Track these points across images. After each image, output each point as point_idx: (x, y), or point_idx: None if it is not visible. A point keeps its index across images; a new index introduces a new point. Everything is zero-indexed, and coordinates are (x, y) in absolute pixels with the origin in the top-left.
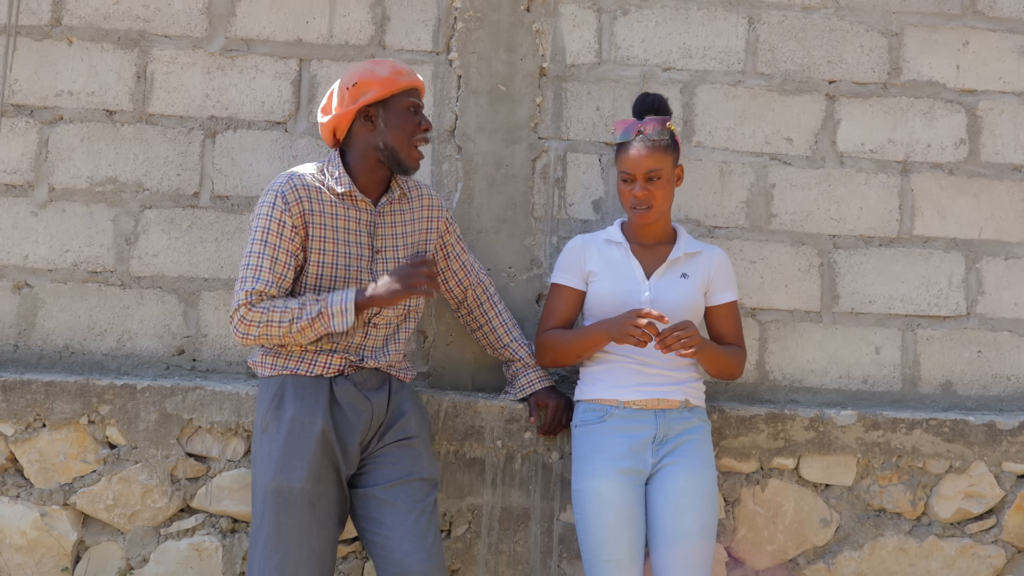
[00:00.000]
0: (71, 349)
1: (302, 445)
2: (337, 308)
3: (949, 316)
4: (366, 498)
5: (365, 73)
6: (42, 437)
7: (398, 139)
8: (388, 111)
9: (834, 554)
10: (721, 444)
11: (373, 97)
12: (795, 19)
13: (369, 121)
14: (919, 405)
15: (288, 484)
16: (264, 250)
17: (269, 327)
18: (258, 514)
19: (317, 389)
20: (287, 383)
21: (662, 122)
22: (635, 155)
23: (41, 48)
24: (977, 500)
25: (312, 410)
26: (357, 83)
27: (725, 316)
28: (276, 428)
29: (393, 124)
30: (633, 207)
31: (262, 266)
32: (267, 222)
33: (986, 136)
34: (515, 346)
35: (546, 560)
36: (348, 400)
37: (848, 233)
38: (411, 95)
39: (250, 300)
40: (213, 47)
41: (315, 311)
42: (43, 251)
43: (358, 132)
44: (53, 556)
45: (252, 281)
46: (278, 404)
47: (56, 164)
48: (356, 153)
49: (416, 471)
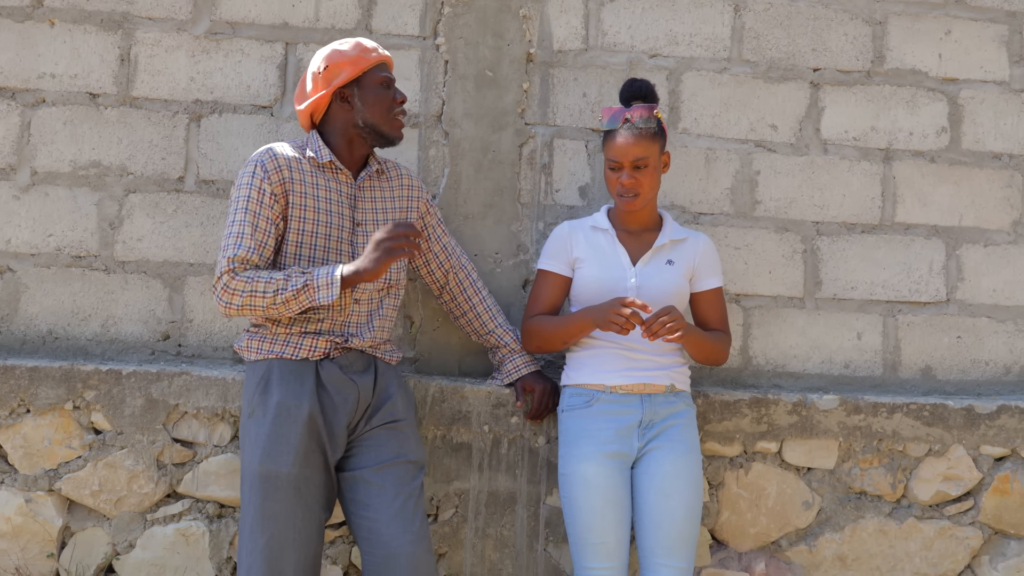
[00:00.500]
0: (55, 334)
1: (288, 430)
2: (323, 281)
3: (929, 302)
4: (354, 481)
5: (333, 55)
6: (26, 423)
7: (377, 115)
8: (362, 89)
9: (816, 536)
10: (705, 428)
11: (346, 78)
12: (780, 7)
13: (345, 102)
14: (899, 390)
15: (275, 468)
16: (245, 218)
17: (253, 297)
18: (245, 498)
19: (303, 373)
20: (273, 367)
21: (649, 110)
22: (622, 143)
23: (22, 29)
24: (955, 483)
25: (298, 394)
26: (328, 66)
27: (710, 302)
28: (263, 413)
29: (369, 101)
30: (620, 195)
31: (243, 233)
32: (247, 191)
33: (967, 124)
34: (500, 332)
35: (532, 544)
36: (334, 383)
37: (831, 220)
38: (382, 70)
39: (232, 267)
40: (198, 30)
41: (300, 283)
42: (26, 235)
43: (335, 113)
44: (38, 542)
45: (234, 248)
46: (264, 389)
47: (38, 147)
48: (335, 132)
49: (403, 454)
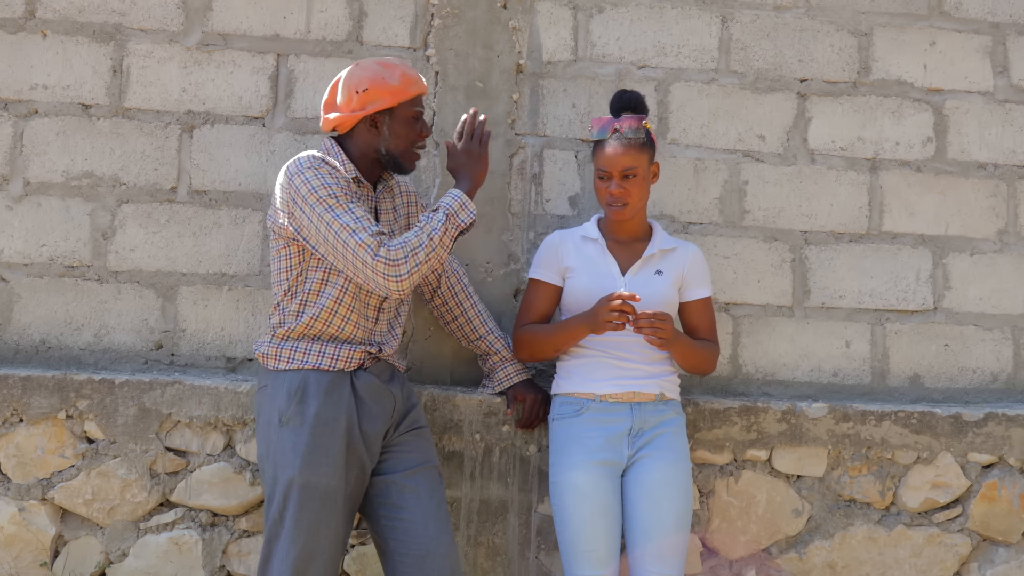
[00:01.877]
0: (48, 344)
1: (327, 441)
2: (455, 204)
3: (917, 310)
4: (386, 484)
5: (376, 79)
6: (19, 432)
7: (400, 147)
8: (394, 120)
9: (806, 544)
10: (695, 436)
11: (382, 106)
12: (767, 18)
13: (374, 127)
14: (888, 397)
15: (314, 480)
16: (349, 206)
17: (415, 255)
18: (278, 506)
19: (339, 384)
20: (308, 378)
21: (638, 120)
22: (611, 153)
23: (15, 41)
24: (944, 490)
25: (336, 406)
26: (368, 89)
27: (698, 312)
28: (299, 422)
29: (397, 133)
30: (609, 204)
31: (356, 216)
32: (328, 188)
33: (952, 134)
34: (491, 338)
35: (524, 552)
36: (371, 393)
37: (819, 229)
38: (417, 104)
39: (380, 241)
40: (190, 41)
41: (441, 216)
42: (19, 245)
43: (361, 133)
44: (32, 551)
45: (363, 229)
46: (300, 399)
47: (31, 158)
48: (357, 150)
49: (430, 459)
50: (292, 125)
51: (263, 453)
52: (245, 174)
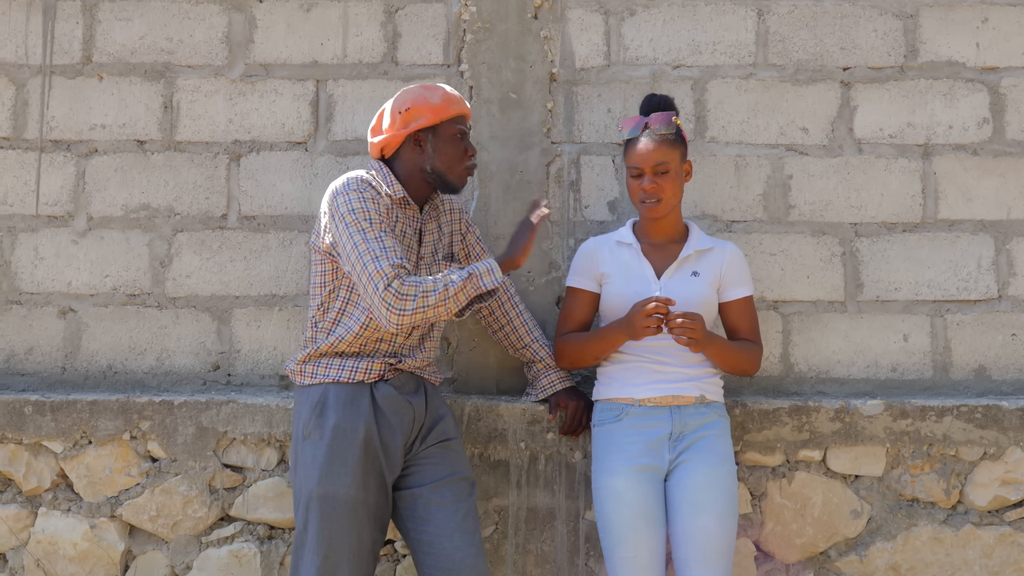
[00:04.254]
0: (114, 369)
1: (346, 452)
2: (483, 268)
3: (980, 300)
4: (412, 498)
5: (419, 99)
6: (89, 453)
7: (445, 164)
8: (437, 137)
9: (866, 546)
10: (744, 438)
11: (424, 124)
12: (805, 7)
13: (418, 145)
14: (952, 392)
15: (333, 490)
16: (381, 232)
17: (426, 297)
18: (301, 520)
19: (359, 396)
20: (329, 391)
21: (668, 116)
22: (642, 149)
23: (74, 85)
24: (1015, 487)
25: (354, 417)
26: (410, 108)
27: (739, 312)
28: (319, 435)
29: (441, 150)
30: (643, 200)
31: (386, 245)
32: (365, 212)
33: (1011, 114)
34: (536, 347)
35: (573, 559)
36: (390, 404)
37: (870, 220)
38: (459, 122)
39: (397, 273)
40: (234, 74)
41: (464, 274)
42: (84, 277)
43: (406, 154)
44: (103, 566)
45: (387, 257)
46: (320, 412)
47: (93, 194)
48: (403, 170)
49: (458, 471)
50: (333, 148)
51: (292, 467)
52: (291, 198)
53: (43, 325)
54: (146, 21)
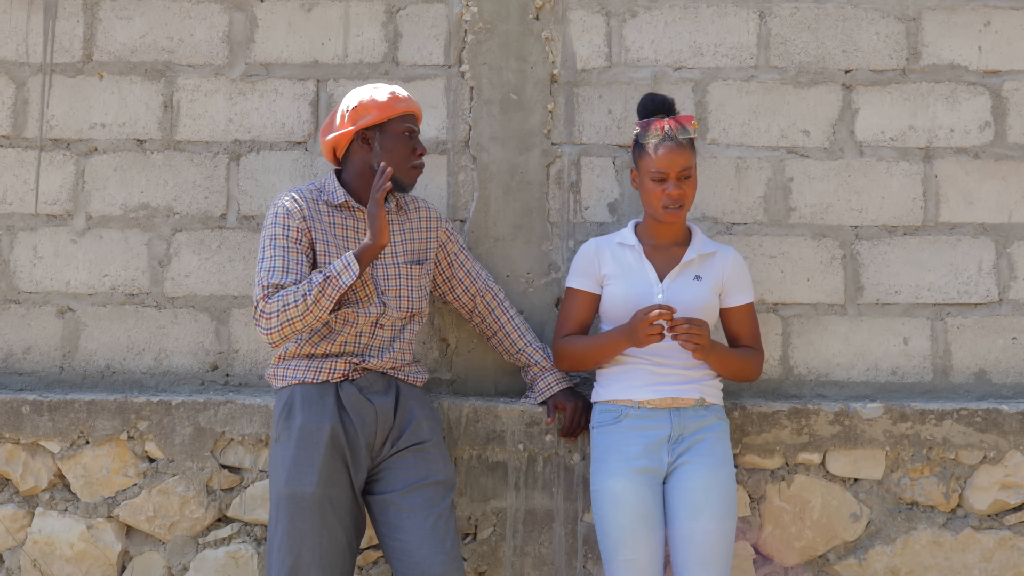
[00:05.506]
0: (112, 369)
1: (311, 451)
2: (340, 266)
3: (980, 303)
4: (384, 504)
5: (365, 97)
6: (86, 453)
7: (392, 162)
8: (384, 135)
9: (865, 549)
10: (744, 441)
11: (370, 121)
12: (807, 10)
13: (366, 143)
14: (952, 395)
15: (299, 489)
16: (275, 252)
17: (286, 310)
18: (273, 520)
19: (323, 395)
20: (295, 393)
21: (688, 120)
22: (669, 154)
23: (74, 84)
24: (1015, 491)
25: (319, 416)
26: (356, 106)
27: (740, 318)
28: (287, 437)
29: (388, 148)
30: (666, 206)
31: (275, 266)
32: (273, 230)
33: (1012, 117)
34: (530, 350)
35: (571, 561)
36: (353, 404)
37: (871, 223)
38: (407, 120)
39: (266, 294)
40: (234, 73)
41: (320, 277)
42: (83, 276)
43: (355, 152)
44: (100, 566)
45: (266, 278)
46: (288, 414)
47: (92, 193)
48: (353, 171)
49: (431, 475)
50: None
51: (269, 469)
52: None
53: (41, 324)
54: (147, 20)
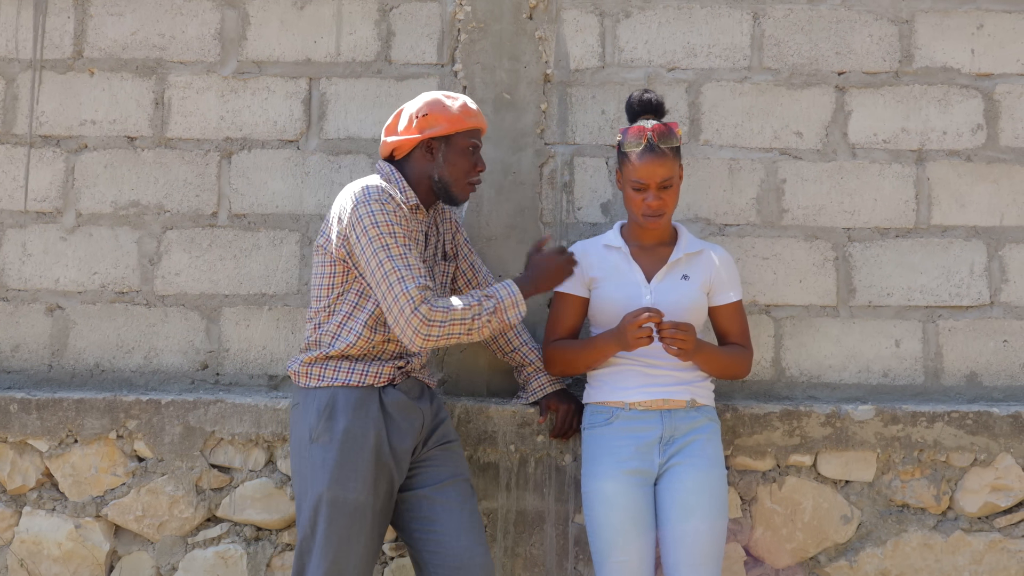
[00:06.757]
0: (101, 367)
1: (356, 457)
2: (508, 301)
3: (972, 306)
4: (417, 499)
5: (436, 106)
6: (74, 452)
7: (453, 175)
8: (449, 148)
9: (856, 551)
10: (735, 443)
11: (439, 132)
12: (801, 12)
13: (430, 152)
14: (943, 398)
15: (343, 495)
16: (404, 250)
17: (452, 325)
18: (308, 522)
19: (368, 400)
20: (338, 395)
21: (671, 128)
22: (648, 165)
23: (65, 80)
24: (1005, 493)
25: (364, 422)
26: (427, 114)
27: (729, 316)
28: (328, 439)
29: (451, 161)
30: (645, 215)
31: (408, 263)
32: (389, 226)
33: (1004, 120)
34: (525, 350)
35: (562, 562)
36: (400, 409)
37: (863, 225)
38: (473, 136)
39: (424, 296)
40: (226, 71)
41: (491, 306)
42: (73, 274)
43: (417, 158)
44: (88, 566)
45: (412, 279)
46: (329, 415)
47: (82, 190)
48: (412, 175)
49: (460, 472)
50: (325, 147)
51: (295, 469)
52: (282, 196)
53: (30, 322)
54: (138, 16)
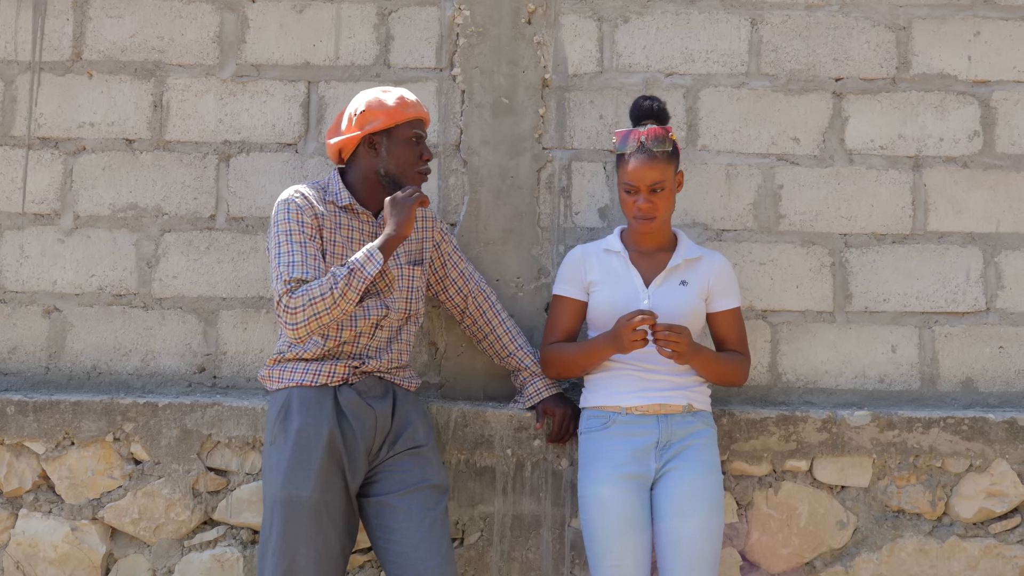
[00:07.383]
0: (98, 370)
1: (309, 455)
2: (362, 257)
3: (968, 312)
4: (379, 506)
5: (373, 101)
6: (71, 455)
7: (399, 168)
8: (391, 140)
9: (852, 556)
10: (732, 448)
11: (378, 126)
12: (799, 18)
13: (372, 148)
14: (939, 403)
15: (296, 493)
16: (292, 247)
17: (313, 304)
18: (267, 523)
19: (322, 399)
20: (293, 395)
21: (664, 132)
22: (638, 168)
23: (63, 82)
24: (1000, 499)
25: (317, 420)
26: (364, 110)
27: (726, 323)
28: (284, 440)
29: (395, 153)
30: (636, 217)
31: (294, 261)
32: (287, 225)
33: (1001, 127)
34: (520, 355)
35: (558, 567)
36: (352, 408)
37: (860, 231)
38: (415, 126)
39: (289, 288)
40: (225, 74)
41: (344, 270)
42: (70, 276)
43: (361, 156)
44: (84, 569)
45: (287, 272)
46: (285, 416)
47: (80, 193)
48: (358, 174)
49: (427, 478)
50: (324, 150)
51: (263, 472)
52: None
53: (27, 324)
54: (137, 19)
